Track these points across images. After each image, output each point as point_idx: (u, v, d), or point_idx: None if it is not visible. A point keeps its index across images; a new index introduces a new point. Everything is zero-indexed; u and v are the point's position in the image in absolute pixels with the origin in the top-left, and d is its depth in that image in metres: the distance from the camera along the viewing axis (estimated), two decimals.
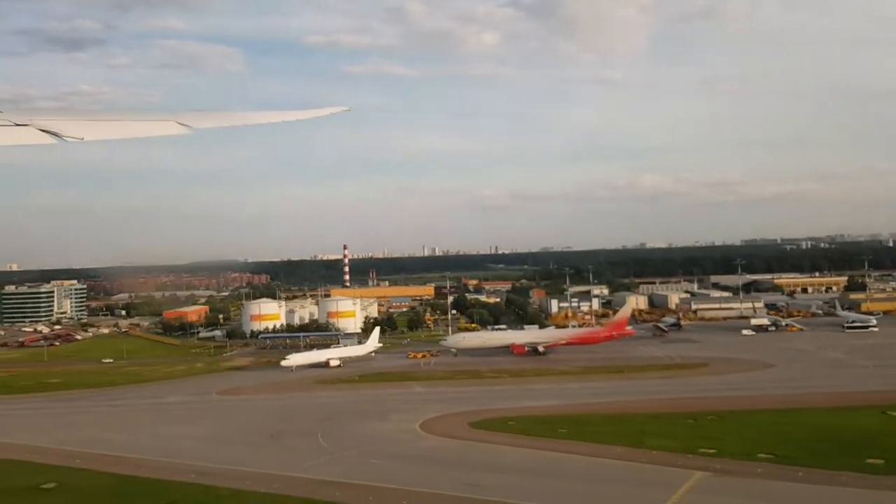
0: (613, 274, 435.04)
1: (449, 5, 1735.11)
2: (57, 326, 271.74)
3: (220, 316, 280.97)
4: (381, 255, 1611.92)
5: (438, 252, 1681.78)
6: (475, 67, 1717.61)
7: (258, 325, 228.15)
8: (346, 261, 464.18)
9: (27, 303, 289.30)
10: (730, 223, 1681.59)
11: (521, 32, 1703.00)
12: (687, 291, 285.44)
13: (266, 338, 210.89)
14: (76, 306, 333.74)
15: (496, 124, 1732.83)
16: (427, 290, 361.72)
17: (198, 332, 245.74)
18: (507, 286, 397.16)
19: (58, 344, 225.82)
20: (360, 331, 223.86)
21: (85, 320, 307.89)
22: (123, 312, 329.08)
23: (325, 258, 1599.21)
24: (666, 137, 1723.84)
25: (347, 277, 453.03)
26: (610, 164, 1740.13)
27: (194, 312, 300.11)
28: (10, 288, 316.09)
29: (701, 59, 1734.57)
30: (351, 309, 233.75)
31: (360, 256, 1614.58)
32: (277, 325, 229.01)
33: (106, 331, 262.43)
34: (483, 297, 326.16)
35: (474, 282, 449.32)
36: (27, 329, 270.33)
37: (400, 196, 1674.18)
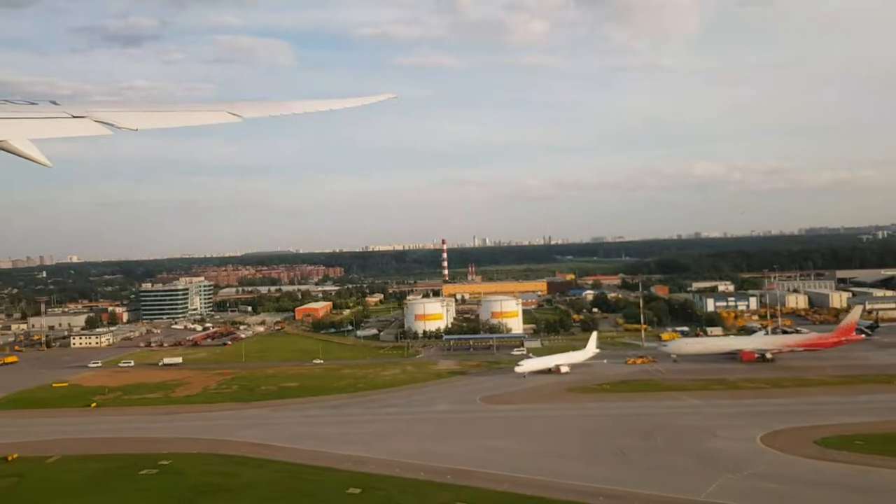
0: (714, 268, 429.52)
1: None
2: (208, 325, 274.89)
3: (365, 314, 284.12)
4: (431, 246, 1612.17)
5: (490, 242, 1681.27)
6: (522, 57, 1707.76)
7: (422, 325, 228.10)
8: (445, 255, 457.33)
9: (165, 300, 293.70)
10: (783, 211, 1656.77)
11: (571, 20, 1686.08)
12: (844, 289, 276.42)
13: (450, 339, 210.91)
14: (205, 302, 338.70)
15: (541, 114, 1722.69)
16: (539, 286, 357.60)
17: (352, 331, 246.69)
18: (611, 280, 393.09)
19: (230, 343, 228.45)
20: (531, 332, 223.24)
21: (217, 316, 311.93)
22: (249, 308, 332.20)
23: (380, 249, 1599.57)
24: (717, 125, 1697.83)
25: (447, 272, 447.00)
26: (660, 153, 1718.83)
27: (322, 309, 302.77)
28: (147, 286, 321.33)
29: (756, 44, 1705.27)
30: (514, 309, 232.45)
31: (415, 246, 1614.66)
32: (442, 326, 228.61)
33: (261, 328, 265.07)
34: (609, 294, 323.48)
35: (570, 276, 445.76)
36: (178, 327, 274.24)
37: (446, 186, 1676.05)
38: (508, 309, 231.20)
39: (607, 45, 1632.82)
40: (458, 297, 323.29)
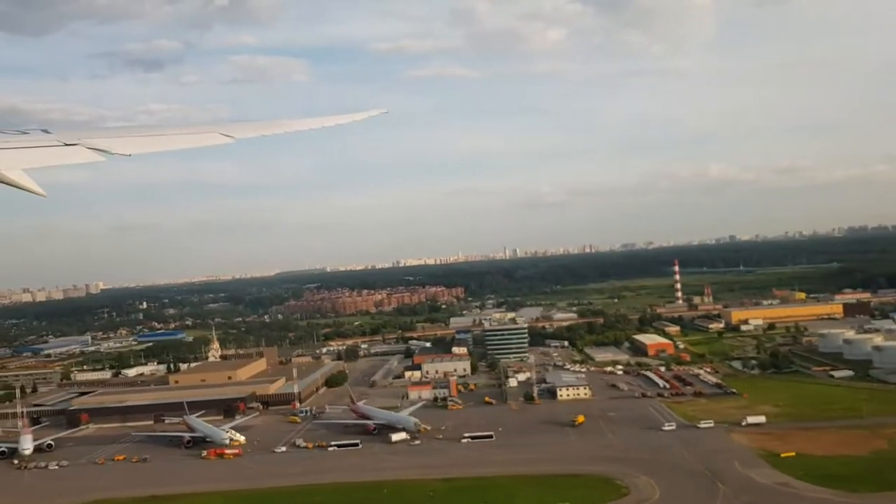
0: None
1: (515, 3, 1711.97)
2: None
3: None
4: (463, 260, 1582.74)
5: (521, 253, 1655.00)
6: (537, 65, 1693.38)
7: None
8: (677, 271, 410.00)
9: (512, 339, 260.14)
10: (814, 210, 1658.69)
11: (587, 27, 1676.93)
12: None
13: None
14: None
15: (556, 121, 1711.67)
16: (829, 309, 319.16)
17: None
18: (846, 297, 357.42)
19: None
20: None
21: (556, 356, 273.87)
22: (566, 343, 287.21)
23: (411, 263, 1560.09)
24: (738, 126, 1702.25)
25: (679, 292, 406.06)
26: (682, 156, 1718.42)
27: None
28: (487, 324, 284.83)
29: (772, 44, 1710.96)
30: None
31: (441, 261, 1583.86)
32: None
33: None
34: None
35: (800, 294, 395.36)
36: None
37: (463, 197, 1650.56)
38: None
39: (624, 51, 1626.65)
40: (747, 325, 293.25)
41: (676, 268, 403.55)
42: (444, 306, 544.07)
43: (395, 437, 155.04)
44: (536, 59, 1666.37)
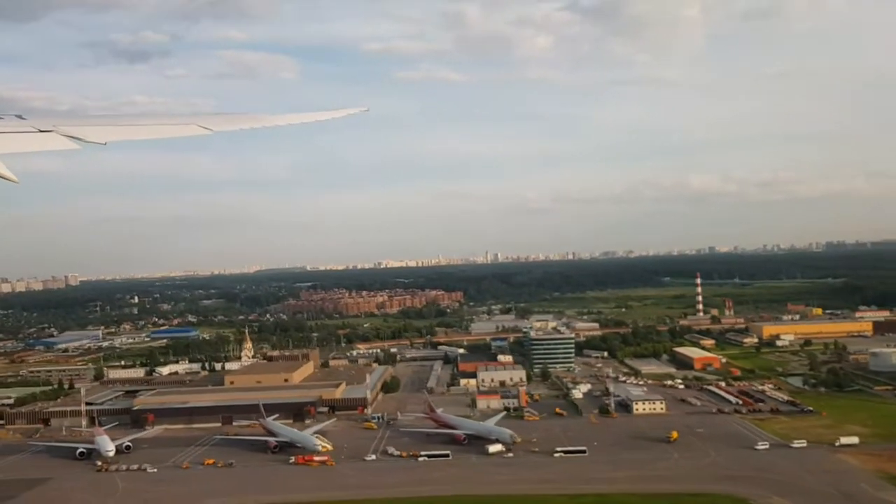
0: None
1: (506, 9, 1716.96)
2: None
3: None
4: (444, 263, 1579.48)
5: (502, 258, 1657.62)
6: (526, 71, 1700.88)
7: None
8: (699, 288, 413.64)
9: (558, 349, 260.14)
10: (792, 224, 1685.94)
11: (575, 35, 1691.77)
12: None
13: None
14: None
15: (542, 127, 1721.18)
16: (858, 327, 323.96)
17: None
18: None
19: None
20: None
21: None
22: (605, 354, 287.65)
23: (392, 265, 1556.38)
24: (722, 138, 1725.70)
25: (701, 304, 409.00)
26: (662, 164, 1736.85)
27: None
28: (533, 333, 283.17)
29: (757, 56, 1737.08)
30: None
31: (424, 263, 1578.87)
32: None
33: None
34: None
35: (817, 310, 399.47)
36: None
37: (448, 200, 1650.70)
38: None
39: (610, 60, 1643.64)
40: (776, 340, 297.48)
41: (699, 280, 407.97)
42: (448, 310, 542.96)
43: (492, 448, 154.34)
44: (525, 66, 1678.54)
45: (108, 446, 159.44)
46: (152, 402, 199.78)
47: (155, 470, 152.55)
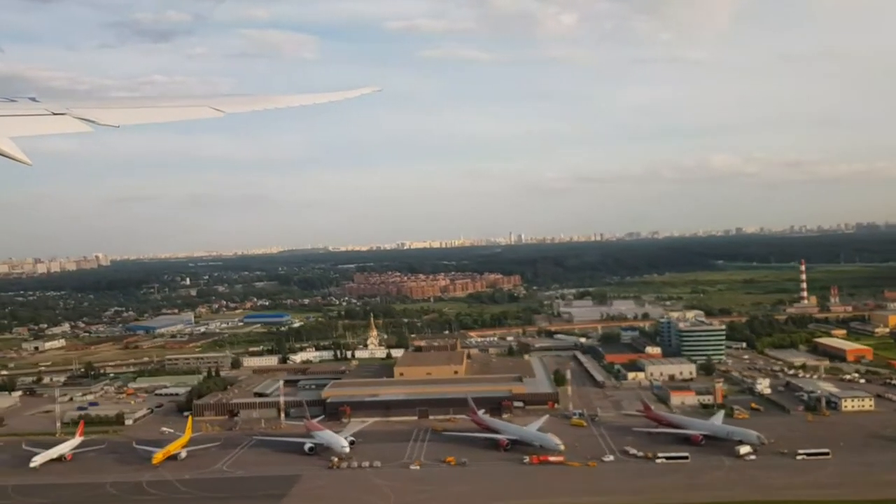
0: None
1: None
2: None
3: None
4: (468, 244, 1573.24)
5: (526, 239, 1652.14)
6: (548, 50, 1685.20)
7: None
8: (804, 273, 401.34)
9: (710, 341, 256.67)
10: (818, 205, 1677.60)
11: (600, 12, 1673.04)
12: None
13: None
14: None
15: (563, 106, 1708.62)
16: None
17: None
18: None
19: None
20: None
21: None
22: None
23: (416, 245, 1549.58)
24: (745, 117, 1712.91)
25: (805, 292, 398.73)
26: (687, 146, 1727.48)
27: None
28: (681, 324, 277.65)
29: (783, 36, 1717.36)
30: None
31: (447, 244, 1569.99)
32: None
33: None
34: None
35: None
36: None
37: (468, 180, 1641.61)
38: None
39: (634, 37, 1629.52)
40: None
41: (803, 266, 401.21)
42: (518, 296, 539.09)
43: (742, 450, 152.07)
44: (548, 44, 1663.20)
45: (343, 442, 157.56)
46: (340, 395, 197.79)
47: (378, 464, 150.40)
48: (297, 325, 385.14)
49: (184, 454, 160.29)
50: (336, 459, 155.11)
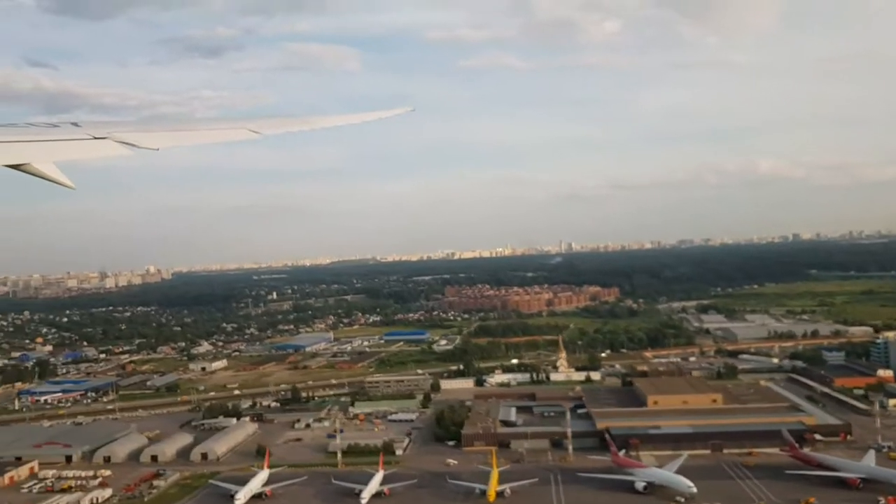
0: None
1: None
2: None
3: None
4: (505, 253, 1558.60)
5: (576, 248, 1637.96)
6: (589, 56, 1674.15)
7: None
8: None
9: None
10: (871, 209, 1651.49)
11: (644, 18, 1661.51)
12: None
13: None
14: None
15: (602, 112, 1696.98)
16: None
17: None
18: None
19: None
20: None
21: None
22: None
23: (466, 256, 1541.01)
24: (790, 120, 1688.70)
25: None
26: (729, 150, 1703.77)
27: None
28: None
29: (829, 38, 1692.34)
30: None
31: (494, 253, 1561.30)
32: None
33: None
34: None
35: None
36: None
37: (504, 187, 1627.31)
38: None
39: (677, 42, 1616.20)
40: None
41: None
42: (638, 310, 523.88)
43: None
44: (588, 51, 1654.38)
45: (688, 482, 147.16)
46: (620, 426, 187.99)
47: None
48: (443, 343, 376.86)
49: (508, 491, 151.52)
50: (683, 500, 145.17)
